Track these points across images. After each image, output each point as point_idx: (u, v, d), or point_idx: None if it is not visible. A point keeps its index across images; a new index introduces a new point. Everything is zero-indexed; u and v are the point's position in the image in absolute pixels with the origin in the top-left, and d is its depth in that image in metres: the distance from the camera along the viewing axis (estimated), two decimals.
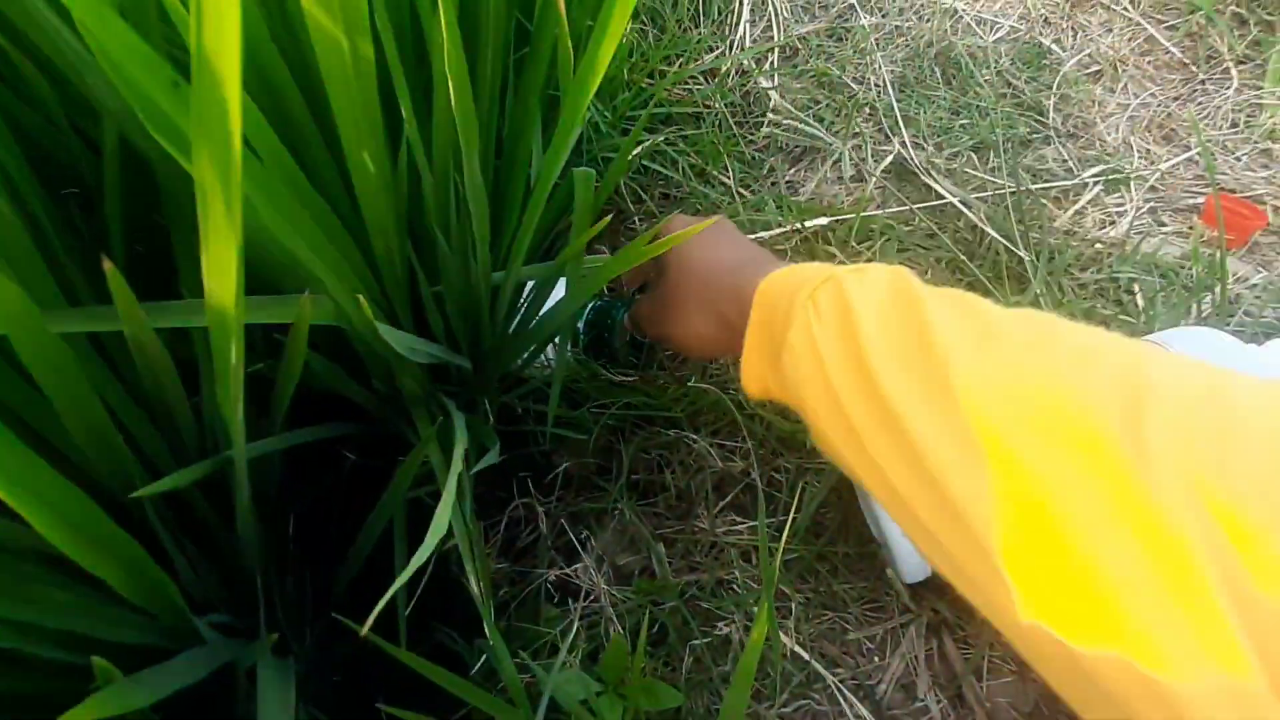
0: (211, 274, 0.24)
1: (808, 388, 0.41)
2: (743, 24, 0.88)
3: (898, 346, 0.37)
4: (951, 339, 0.35)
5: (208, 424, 0.41)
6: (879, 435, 0.37)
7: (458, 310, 0.55)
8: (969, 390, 0.33)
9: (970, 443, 0.32)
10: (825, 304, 0.41)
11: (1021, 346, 0.35)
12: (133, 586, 0.30)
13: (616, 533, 0.73)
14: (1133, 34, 0.93)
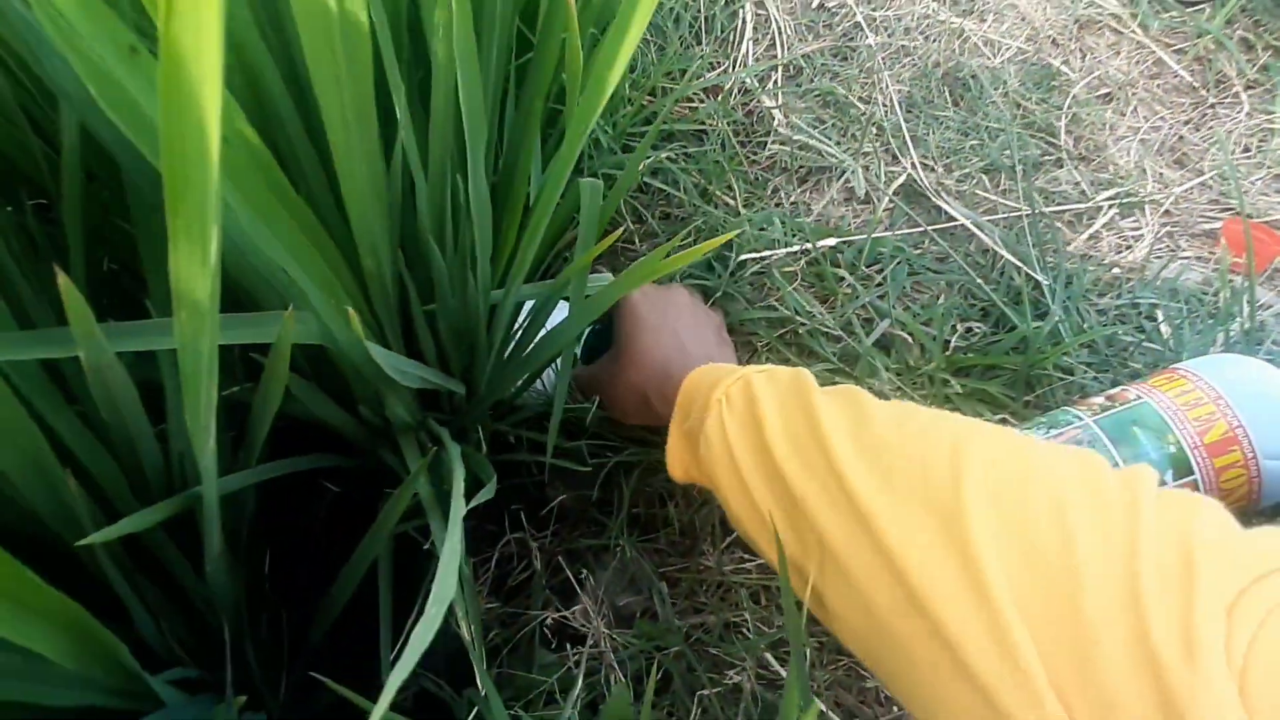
0: (181, 286, 0.20)
1: (719, 469, 0.47)
2: (746, 42, 0.86)
3: (791, 431, 0.43)
4: (832, 424, 0.42)
5: (175, 457, 0.37)
6: (776, 507, 0.43)
7: (451, 331, 0.51)
8: (844, 462, 0.40)
9: (854, 512, 0.38)
10: (735, 396, 0.48)
11: (887, 424, 0.41)
12: (74, 654, 0.25)
13: (616, 571, 0.68)
14: (1141, 57, 0.91)
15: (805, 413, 0.43)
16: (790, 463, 0.42)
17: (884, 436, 0.40)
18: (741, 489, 0.45)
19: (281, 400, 0.45)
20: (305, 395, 0.40)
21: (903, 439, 0.40)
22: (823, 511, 0.39)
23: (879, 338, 0.72)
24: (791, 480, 0.41)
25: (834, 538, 0.39)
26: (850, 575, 0.38)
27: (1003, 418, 0.68)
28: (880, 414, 0.42)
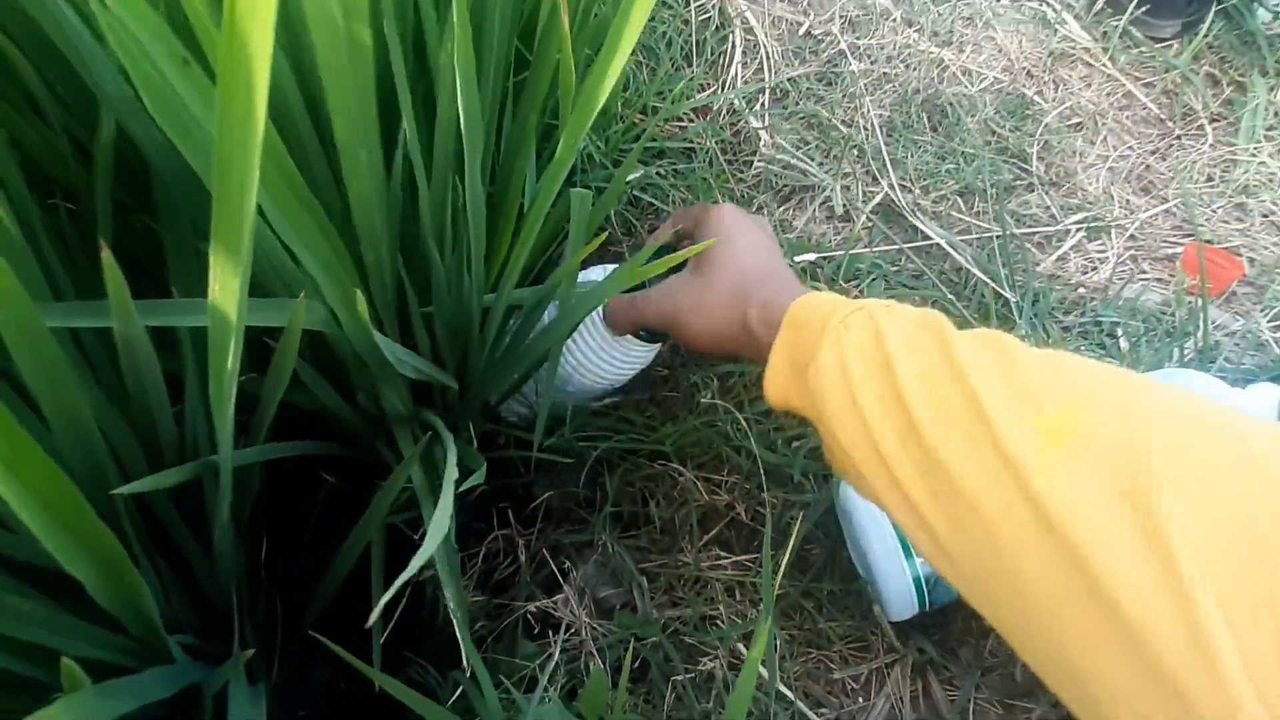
0: (218, 274, 0.24)
1: (832, 404, 0.43)
2: (735, 65, 0.90)
3: (924, 369, 0.40)
4: (973, 364, 0.38)
5: (189, 434, 0.40)
6: (899, 450, 0.39)
7: (446, 329, 0.54)
8: (990, 407, 0.36)
9: (1000, 456, 0.35)
10: (856, 326, 0.44)
11: (1039, 369, 0.37)
12: (108, 590, 0.28)
13: (598, 565, 0.71)
14: (1111, 89, 0.95)
15: (942, 351, 0.39)
16: (922, 404, 0.39)
17: (1036, 382, 0.36)
18: (856, 422, 0.42)
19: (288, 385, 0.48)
20: (310, 380, 0.43)
21: (1059, 386, 0.36)
22: (960, 456, 0.36)
23: None
24: (921, 421, 0.38)
25: (972, 486, 0.36)
26: (989, 526, 0.35)
27: None
28: (1029, 359, 0.38)
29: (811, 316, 0.48)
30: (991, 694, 0.64)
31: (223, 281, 0.23)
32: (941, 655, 0.65)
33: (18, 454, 0.22)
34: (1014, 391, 0.36)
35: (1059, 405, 0.35)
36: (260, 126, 0.19)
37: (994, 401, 0.36)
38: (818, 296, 0.50)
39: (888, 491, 0.41)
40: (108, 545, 0.26)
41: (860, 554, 0.65)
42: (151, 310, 0.30)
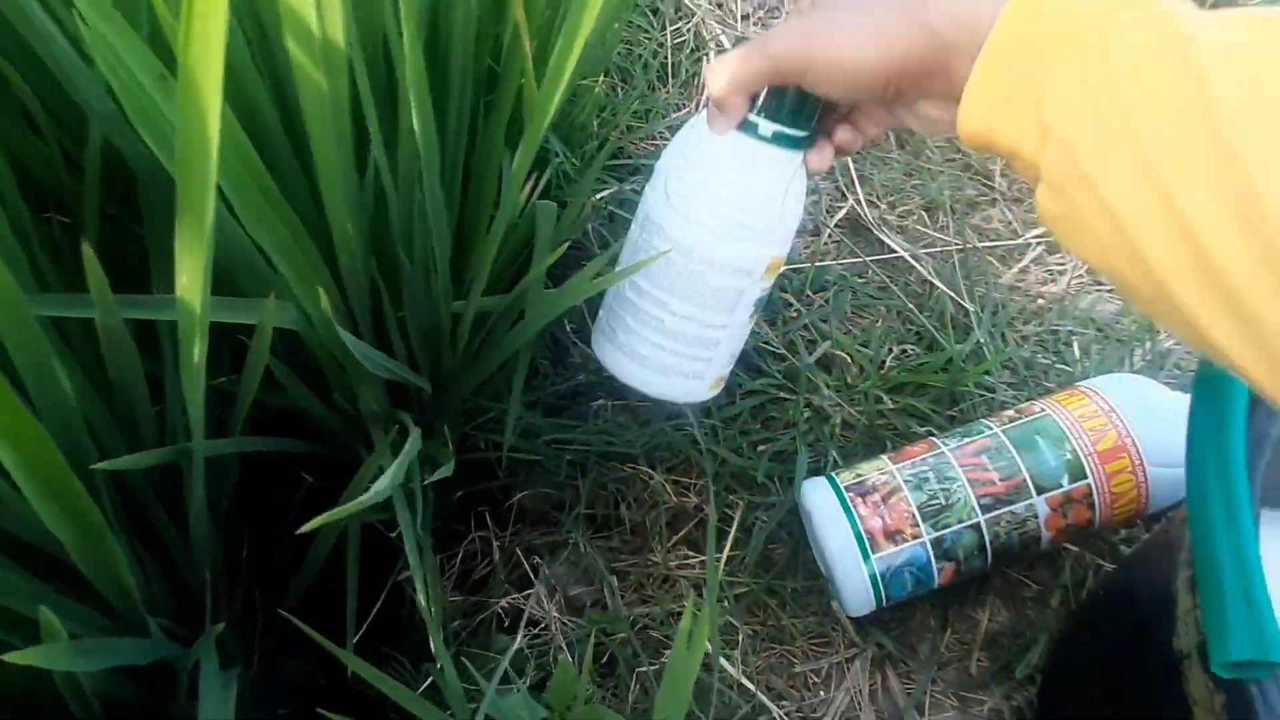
0: (183, 266, 0.26)
1: (1084, 136, 0.30)
2: None
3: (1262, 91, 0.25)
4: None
5: (169, 425, 0.43)
6: (1221, 238, 0.26)
7: (420, 334, 0.57)
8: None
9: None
10: (1132, 31, 0.29)
11: None
12: (87, 554, 0.31)
13: (570, 565, 0.74)
14: None
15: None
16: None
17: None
18: (1140, 180, 0.28)
19: (263, 384, 0.51)
20: (284, 378, 0.45)
21: None
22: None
23: (820, 357, 0.78)
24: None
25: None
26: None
27: (929, 430, 0.74)
28: None
29: (1045, 13, 0.32)
30: (947, 687, 0.66)
31: (188, 274, 0.25)
32: (899, 650, 0.67)
33: (14, 423, 0.25)
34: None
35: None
36: (215, 125, 0.22)
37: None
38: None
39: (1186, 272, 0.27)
40: (87, 510, 0.28)
41: (820, 553, 0.68)
42: (130, 304, 0.33)
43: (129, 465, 0.33)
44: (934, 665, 0.67)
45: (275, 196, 0.34)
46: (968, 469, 0.64)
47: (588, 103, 0.81)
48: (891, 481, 0.64)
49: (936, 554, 0.63)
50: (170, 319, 0.31)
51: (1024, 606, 0.69)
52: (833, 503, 0.65)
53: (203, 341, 0.28)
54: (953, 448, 0.66)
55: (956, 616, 0.69)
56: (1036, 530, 0.64)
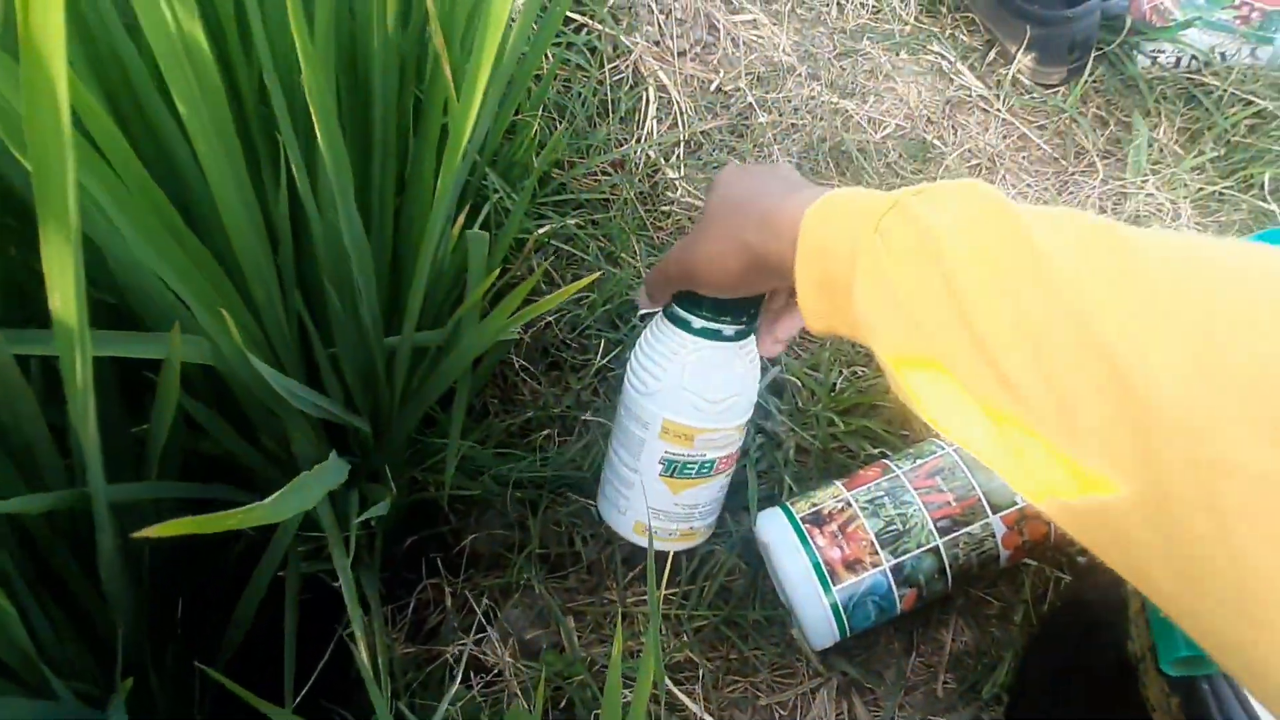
0: (54, 282, 0.25)
1: (884, 333, 0.36)
2: (649, 120, 0.94)
3: (989, 268, 0.32)
4: (1051, 245, 0.30)
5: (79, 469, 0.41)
6: (983, 378, 0.31)
7: (354, 371, 0.56)
8: (1099, 306, 0.28)
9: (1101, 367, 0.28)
10: (897, 236, 0.35)
11: (1158, 261, 0.29)
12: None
13: (525, 607, 0.71)
14: (1007, 132, 1.01)
15: (1009, 239, 0.32)
16: (993, 315, 0.31)
17: (1163, 284, 0.28)
18: (922, 354, 0.34)
19: (187, 428, 0.48)
20: (204, 419, 0.44)
21: (1190, 287, 0.28)
22: (1075, 401, 0.28)
23: (769, 383, 0.78)
24: (991, 341, 0.31)
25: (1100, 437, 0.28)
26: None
27: (882, 451, 0.73)
28: (1145, 243, 0.30)
29: (835, 228, 0.38)
30: (914, 711, 0.64)
31: (60, 291, 0.24)
32: (865, 676, 0.66)
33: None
34: (1137, 304, 0.28)
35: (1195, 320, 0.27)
36: (64, 96, 0.21)
37: (1112, 329, 0.28)
38: (835, 199, 0.40)
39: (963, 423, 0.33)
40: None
41: (780, 585, 0.66)
42: (16, 339, 0.31)
43: (17, 509, 0.31)
44: (900, 690, 0.65)
45: (176, 224, 0.32)
46: (922, 491, 0.63)
47: (525, 139, 0.81)
48: (848, 509, 0.63)
49: (897, 581, 0.62)
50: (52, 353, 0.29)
51: (988, 625, 0.68)
52: (790, 535, 0.63)
53: (85, 367, 0.27)
54: (906, 470, 0.65)
55: (921, 639, 0.68)
56: (995, 549, 0.63)
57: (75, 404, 0.28)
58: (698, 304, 0.54)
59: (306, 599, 0.72)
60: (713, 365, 0.56)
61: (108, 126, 0.28)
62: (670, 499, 0.62)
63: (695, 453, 0.59)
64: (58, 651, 0.41)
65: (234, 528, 0.29)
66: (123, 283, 0.35)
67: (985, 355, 0.31)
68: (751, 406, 0.60)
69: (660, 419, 0.58)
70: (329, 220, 0.45)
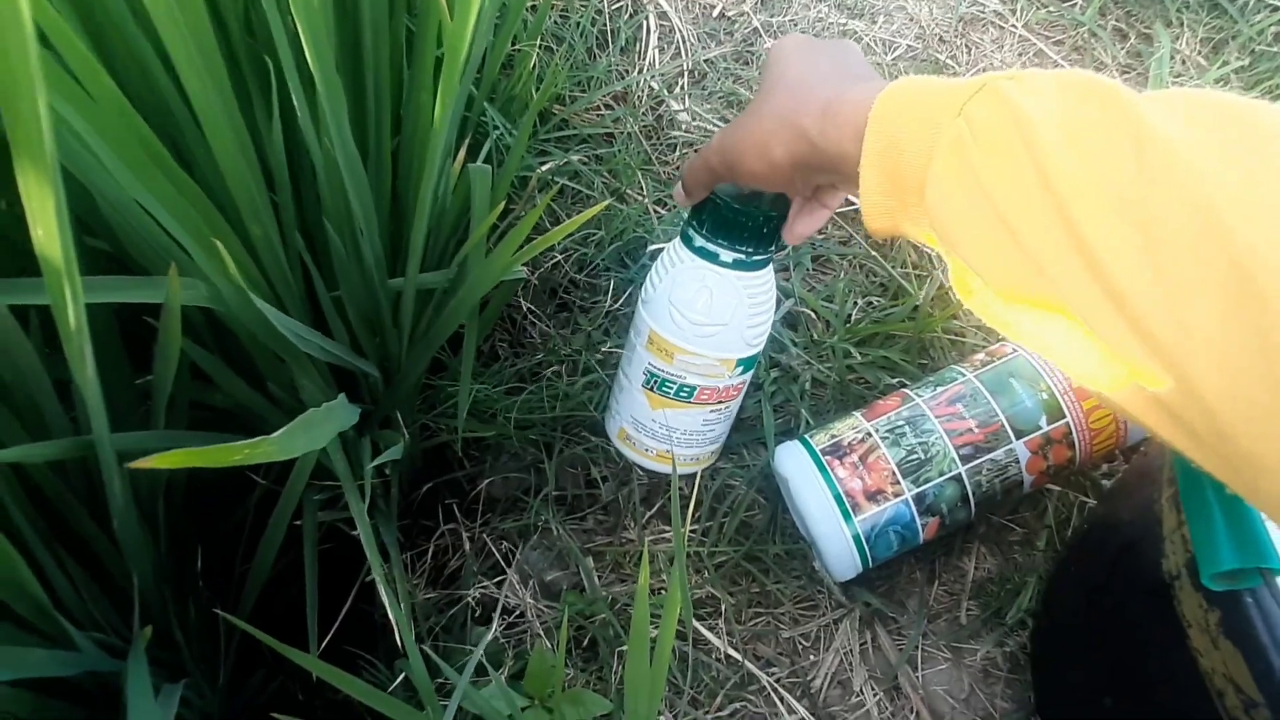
0: (35, 215, 0.23)
1: (965, 230, 0.32)
2: (650, 50, 0.91)
3: (1095, 155, 0.29)
4: (1168, 131, 0.27)
5: (84, 421, 0.40)
6: (1081, 283, 0.28)
7: (359, 315, 0.54)
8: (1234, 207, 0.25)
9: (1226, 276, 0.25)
10: (982, 120, 0.32)
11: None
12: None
13: (544, 549, 0.71)
14: (1022, 49, 0.97)
15: (1122, 129, 0.28)
16: (1096, 217, 0.28)
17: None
18: (1010, 257, 0.31)
19: (189, 378, 0.47)
20: (209, 366, 0.42)
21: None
22: (1188, 297, 0.26)
23: (785, 315, 0.76)
24: (1101, 245, 0.28)
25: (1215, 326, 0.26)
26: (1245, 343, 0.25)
27: (900, 380, 0.72)
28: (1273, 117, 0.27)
29: (910, 116, 0.35)
30: (938, 639, 0.64)
31: (42, 224, 0.23)
32: (887, 606, 0.65)
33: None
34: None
35: None
36: (29, 36, 0.19)
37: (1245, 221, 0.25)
38: (910, 86, 0.36)
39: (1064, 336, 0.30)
40: None
41: (800, 518, 0.66)
42: (9, 288, 0.30)
43: (19, 457, 0.31)
44: (924, 619, 0.65)
45: (153, 146, 0.31)
46: (944, 419, 0.62)
47: (523, 72, 0.78)
48: (868, 440, 0.62)
49: (919, 510, 0.61)
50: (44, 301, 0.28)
51: (1010, 551, 0.68)
52: (809, 467, 0.62)
53: (77, 303, 0.25)
54: (926, 398, 0.64)
55: (943, 568, 0.68)
56: (1018, 475, 0.62)
57: (71, 346, 0.27)
58: (701, 221, 0.53)
59: (327, 549, 0.72)
60: (701, 287, 0.55)
61: (78, 49, 0.26)
62: (649, 413, 0.62)
63: (675, 372, 0.59)
64: (75, 603, 0.41)
65: (240, 463, 0.28)
66: (115, 224, 0.33)
67: (1083, 249, 0.28)
68: (745, 345, 0.58)
69: (648, 328, 0.58)
70: (327, 154, 0.43)
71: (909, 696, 0.62)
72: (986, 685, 0.62)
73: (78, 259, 0.26)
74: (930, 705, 0.62)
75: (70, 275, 0.24)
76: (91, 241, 0.40)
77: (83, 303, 0.26)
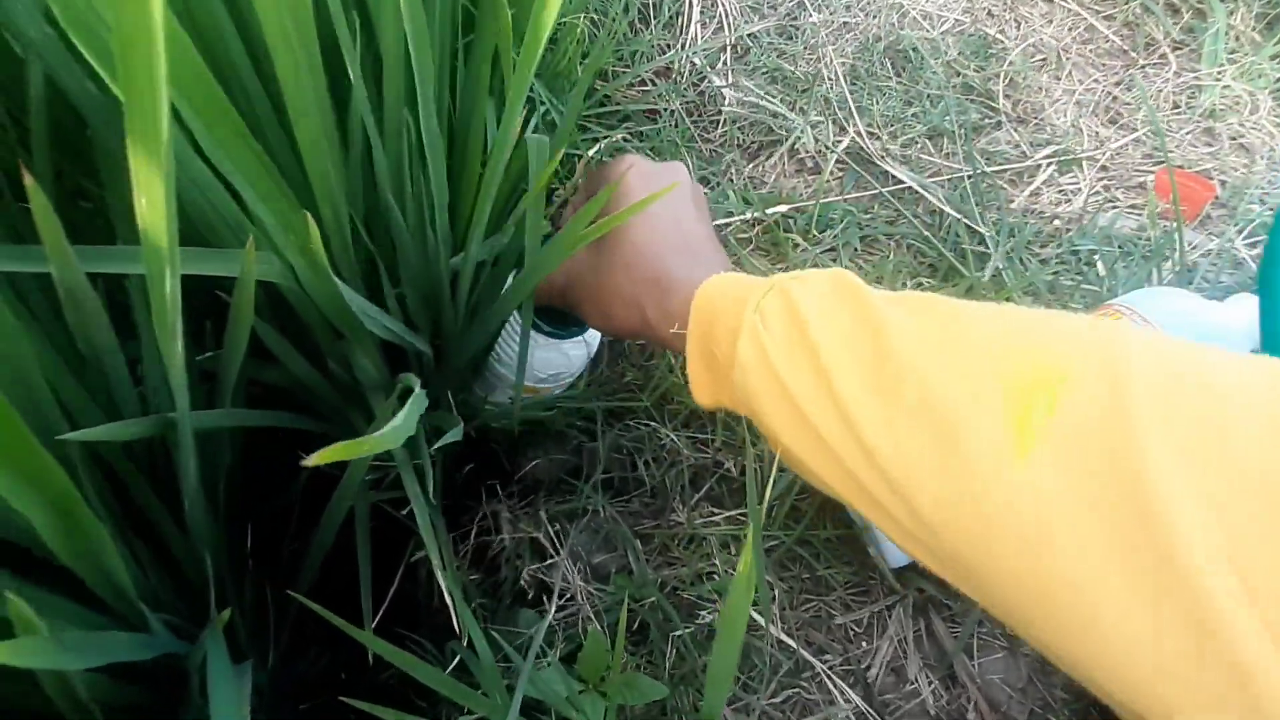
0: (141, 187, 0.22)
1: (763, 401, 0.40)
2: (693, 24, 0.89)
3: (847, 341, 0.36)
4: (895, 319, 0.35)
5: (151, 400, 0.39)
6: (845, 441, 0.36)
7: (417, 294, 0.53)
8: (922, 366, 0.33)
9: (933, 425, 0.32)
10: (771, 312, 0.40)
11: (984, 319, 0.34)
12: (66, 543, 0.27)
13: (591, 532, 0.70)
14: (1073, 23, 0.95)
15: (861, 316, 0.36)
16: (850, 382, 0.35)
17: (991, 338, 0.33)
18: (797, 421, 0.38)
19: (253, 355, 0.47)
20: (274, 344, 0.42)
21: (1021, 344, 0.32)
22: (908, 456, 0.33)
23: None
24: (856, 412, 0.35)
25: (932, 490, 0.33)
26: (960, 518, 0.32)
27: None
28: (974, 314, 0.35)
29: (720, 309, 0.43)
30: (994, 627, 0.63)
31: (148, 196, 0.22)
32: (942, 593, 0.64)
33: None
34: (968, 359, 0.32)
35: (1027, 369, 0.31)
36: (160, 19, 0.18)
37: (942, 381, 0.32)
38: (721, 282, 0.44)
39: (841, 482, 0.37)
40: (60, 486, 0.25)
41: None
42: (92, 257, 0.29)
43: (103, 436, 0.30)
44: (975, 605, 0.64)
45: (241, 128, 0.30)
46: None
47: (569, 45, 0.76)
48: None
49: None
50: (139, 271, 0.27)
51: None
52: None
53: (174, 276, 0.24)
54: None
55: None
56: None
57: (163, 322, 0.26)
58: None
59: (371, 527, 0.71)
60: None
61: (171, 26, 0.25)
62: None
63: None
64: (145, 586, 0.40)
65: (365, 454, 0.27)
66: (189, 200, 0.32)
67: (845, 417, 0.35)
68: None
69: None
70: (391, 128, 0.42)
71: (965, 685, 0.61)
72: (1045, 675, 0.62)
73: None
74: (987, 694, 0.61)
75: (171, 246, 0.23)
76: None
77: (179, 275, 0.25)
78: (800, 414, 0.37)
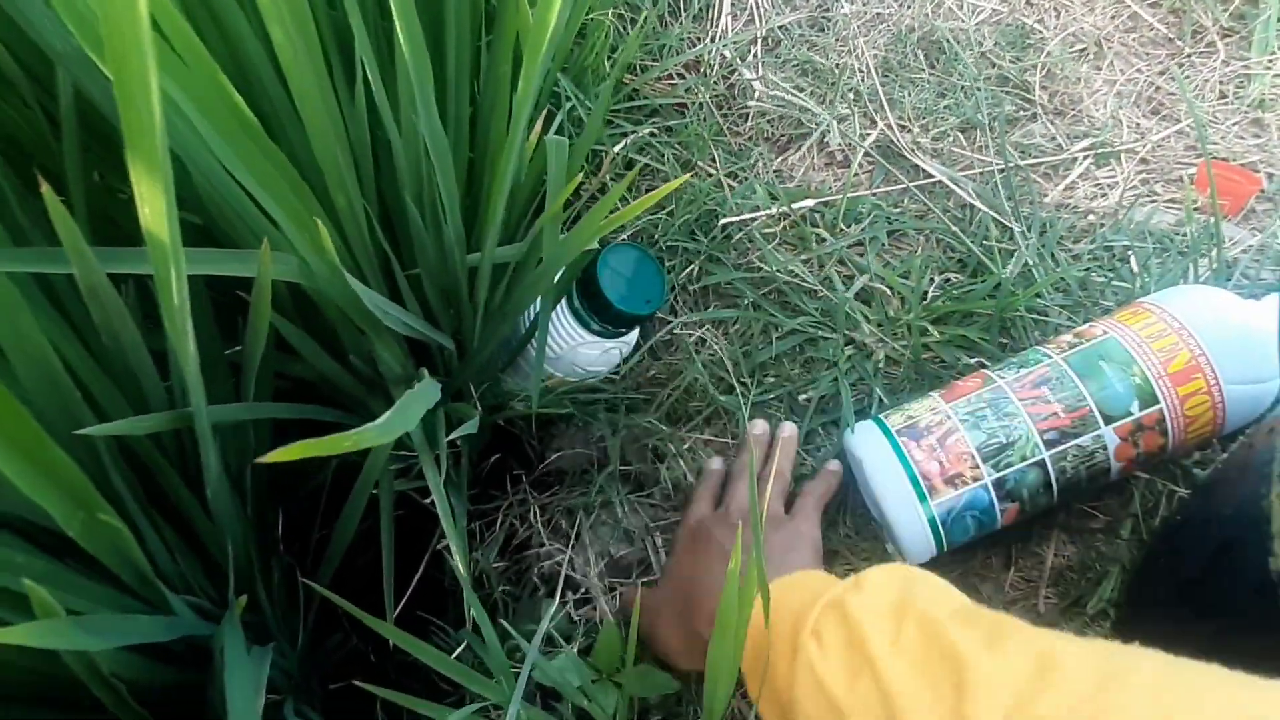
0: (142, 194, 0.24)
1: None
2: (723, 17, 0.89)
3: (924, 680, 0.36)
4: (989, 672, 0.35)
5: (177, 397, 0.41)
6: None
7: (435, 289, 0.55)
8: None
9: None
10: (830, 637, 0.40)
11: (1087, 680, 0.34)
12: (84, 530, 0.29)
13: (610, 526, 0.71)
14: (1115, 11, 0.92)
15: (937, 651, 0.37)
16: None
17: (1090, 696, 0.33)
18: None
19: (273, 349, 0.48)
20: (295, 339, 0.43)
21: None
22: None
23: (859, 291, 0.74)
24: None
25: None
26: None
27: (979, 360, 0.70)
28: (1071, 656, 0.36)
29: (772, 635, 0.43)
30: None
31: (149, 203, 0.23)
32: (962, 591, 0.64)
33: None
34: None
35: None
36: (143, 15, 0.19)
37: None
38: (776, 601, 0.44)
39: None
40: (72, 476, 0.26)
41: (873, 500, 0.64)
42: (110, 257, 0.30)
43: (123, 430, 0.31)
44: (999, 605, 0.63)
45: (259, 134, 0.31)
46: (1027, 402, 0.60)
47: (596, 40, 0.77)
48: (946, 422, 0.61)
49: (999, 495, 0.59)
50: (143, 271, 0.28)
51: (1092, 539, 0.66)
52: (885, 448, 0.61)
53: (180, 280, 0.26)
54: (1009, 380, 0.61)
55: (1020, 553, 0.66)
56: (1105, 462, 0.59)
57: (173, 321, 0.27)
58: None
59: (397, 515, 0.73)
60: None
61: (171, 14, 0.26)
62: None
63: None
64: (171, 569, 0.42)
65: (349, 449, 0.28)
66: (206, 198, 0.34)
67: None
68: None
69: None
70: (408, 126, 0.43)
71: None
72: None
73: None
74: None
75: (175, 253, 0.25)
76: (183, 214, 0.41)
77: (185, 280, 0.26)
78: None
